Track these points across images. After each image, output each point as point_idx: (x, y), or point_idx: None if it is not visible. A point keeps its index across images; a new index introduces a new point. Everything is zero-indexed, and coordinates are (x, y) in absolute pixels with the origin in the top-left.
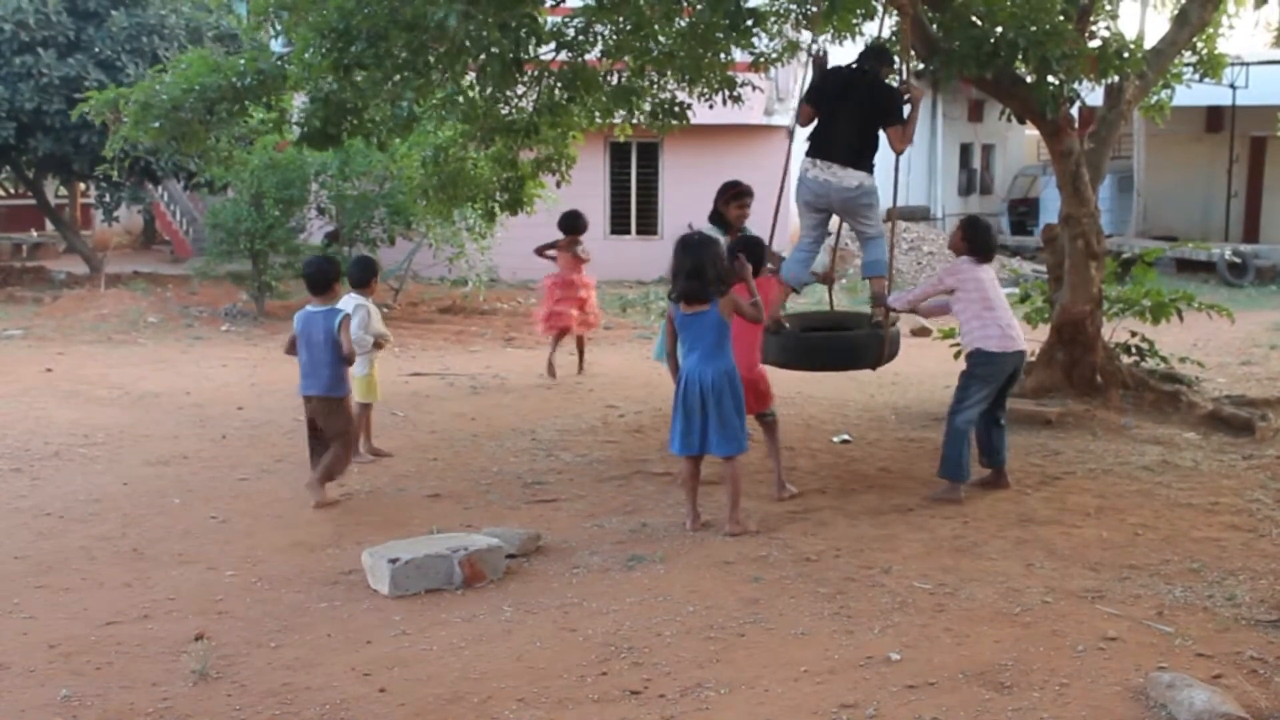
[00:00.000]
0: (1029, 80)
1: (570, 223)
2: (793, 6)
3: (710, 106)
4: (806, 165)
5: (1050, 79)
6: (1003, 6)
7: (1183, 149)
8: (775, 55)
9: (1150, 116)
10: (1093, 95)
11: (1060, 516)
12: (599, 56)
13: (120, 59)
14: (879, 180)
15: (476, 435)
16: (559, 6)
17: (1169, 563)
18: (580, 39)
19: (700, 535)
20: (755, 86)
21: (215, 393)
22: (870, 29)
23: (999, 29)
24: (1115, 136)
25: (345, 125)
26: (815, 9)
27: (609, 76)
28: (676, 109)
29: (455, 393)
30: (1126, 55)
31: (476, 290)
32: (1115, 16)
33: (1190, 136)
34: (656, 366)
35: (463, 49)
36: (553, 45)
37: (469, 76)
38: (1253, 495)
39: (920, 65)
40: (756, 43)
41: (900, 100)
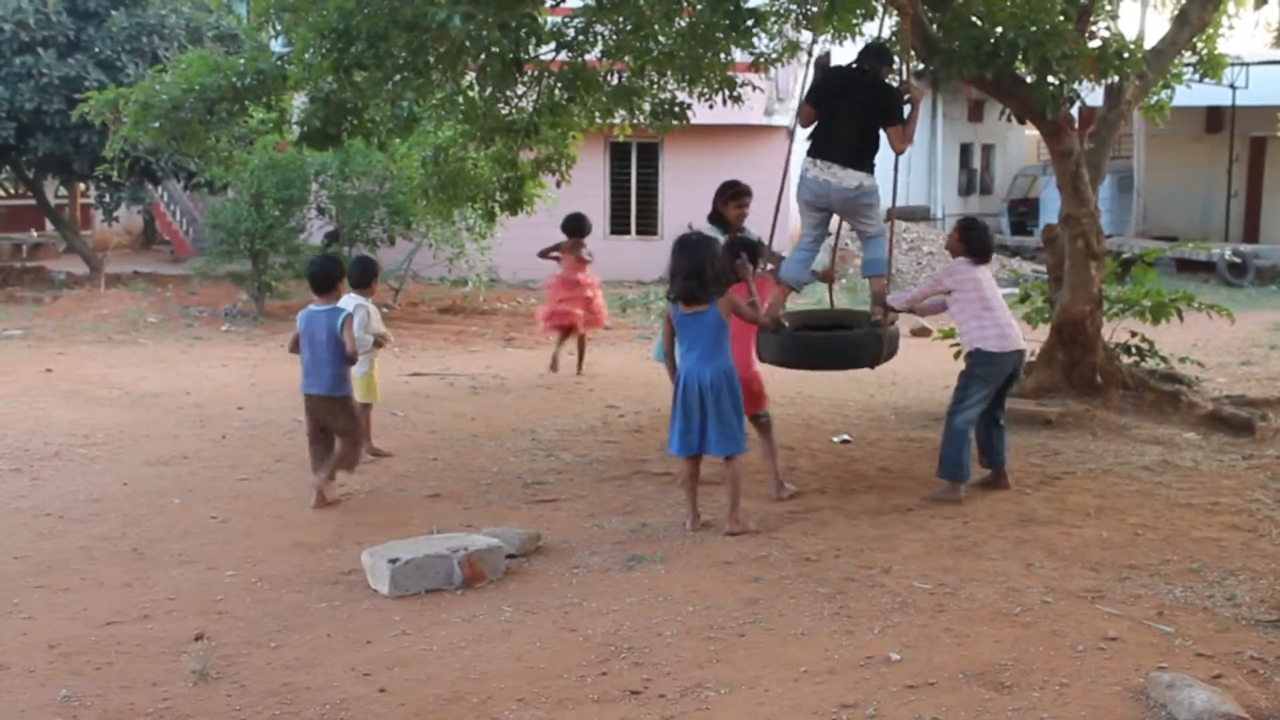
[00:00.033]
0: (1029, 80)
1: (574, 225)
2: (793, 6)
3: (710, 106)
4: (807, 165)
5: (1050, 79)
6: (1003, 6)
7: (1183, 149)
8: (775, 55)
9: (1150, 116)
10: (1093, 95)
11: (1060, 516)
12: (599, 56)
13: (120, 59)
14: (879, 180)
15: (476, 435)
16: (559, 6)
17: (1169, 563)
18: (580, 39)
19: (700, 535)
20: (755, 86)
21: (215, 393)
22: (870, 29)
23: (999, 29)
24: (1115, 136)
25: (345, 125)
26: (815, 9)
27: (609, 76)
28: (676, 109)
29: (455, 393)
30: (1126, 55)
31: (476, 290)
32: (1115, 16)
33: (1190, 136)
34: (656, 366)
35: (463, 49)
36: (553, 45)
37: (469, 76)
38: (1253, 495)
39: (920, 65)
40: (756, 43)
41: (900, 100)
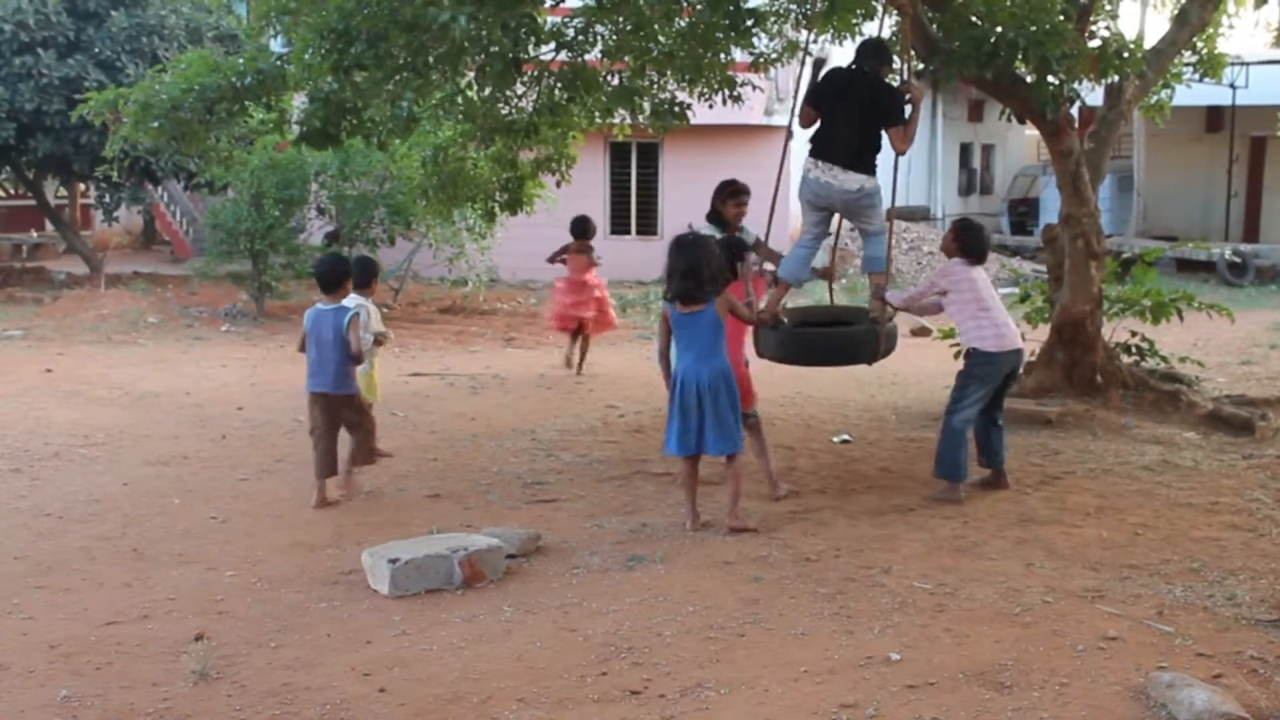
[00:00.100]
0: (1029, 80)
1: (580, 227)
2: (793, 6)
3: (710, 106)
4: (809, 166)
5: (1050, 79)
6: (1003, 6)
7: (1183, 149)
8: (775, 55)
9: (1150, 116)
10: (1093, 95)
11: (1060, 516)
12: (599, 56)
13: (120, 59)
14: (880, 179)
15: (476, 435)
16: (559, 6)
17: (1169, 562)
18: (580, 39)
19: (700, 535)
20: (755, 86)
21: (215, 393)
22: (870, 29)
23: (999, 29)
24: (1115, 136)
25: (345, 125)
26: (814, 9)
27: (609, 76)
28: (676, 109)
29: (455, 393)
30: (1126, 55)
31: (476, 290)
32: (1115, 16)
33: (1190, 136)
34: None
35: (463, 49)
36: (553, 45)
37: (468, 76)
38: (1253, 495)
39: (920, 65)
40: (756, 43)
41: (901, 101)
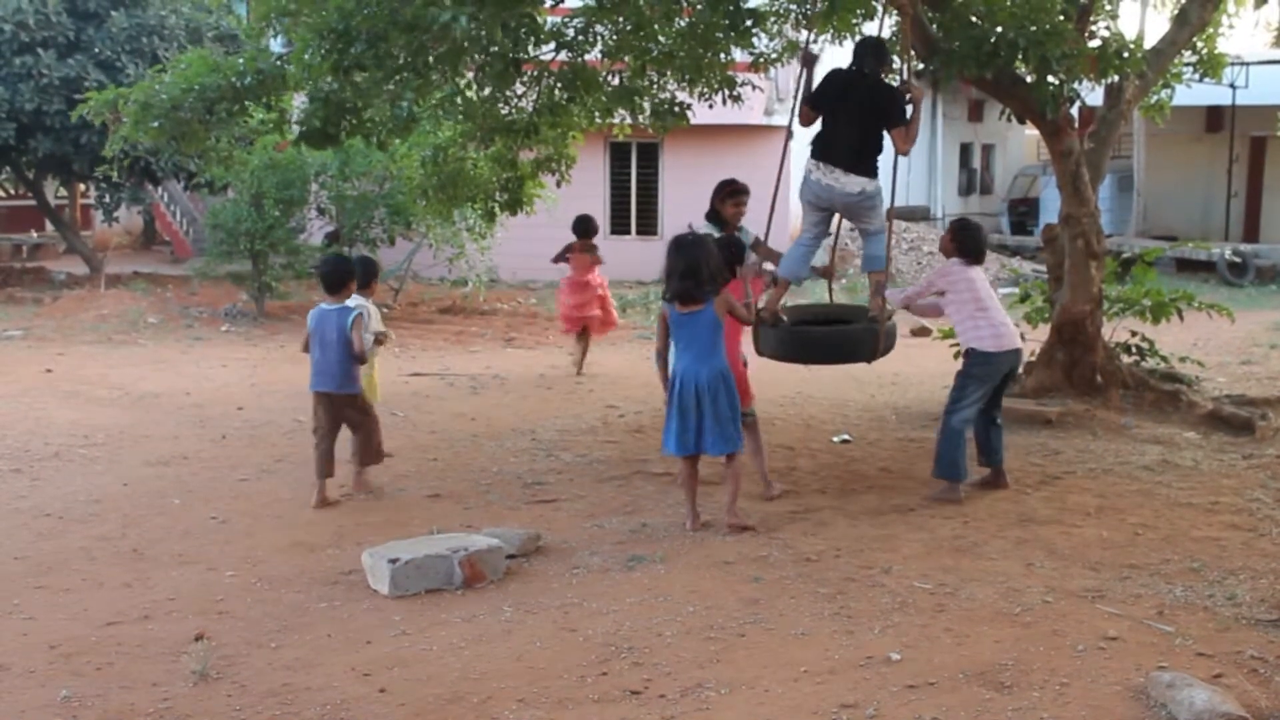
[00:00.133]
0: (1029, 80)
1: (582, 226)
2: (793, 6)
3: (710, 106)
4: (810, 168)
5: (1050, 79)
6: (1003, 6)
7: (1183, 149)
8: (775, 55)
9: (1150, 116)
10: (1093, 95)
11: (1060, 516)
12: (599, 56)
13: (120, 59)
14: (880, 180)
15: (476, 435)
16: (559, 6)
17: (1169, 562)
18: (580, 39)
19: (700, 535)
20: (755, 86)
21: (215, 393)
22: (870, 29)
23: (999, 29)
24: (1115, 136)
25: (344, 125)
26: (814, 9)
27: (609, 76)
28: (676, 109)
29: (455, 393)
30: (1126, 55)
31: (476, 290)
32: (1115, 16)
33: (1190, 136)
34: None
35: (462, 49)
36: (553, 45)
37: (468, 76)
38: (1253, 494)
39: (920, 65)
40: (756, 43)
41: (903, 101)
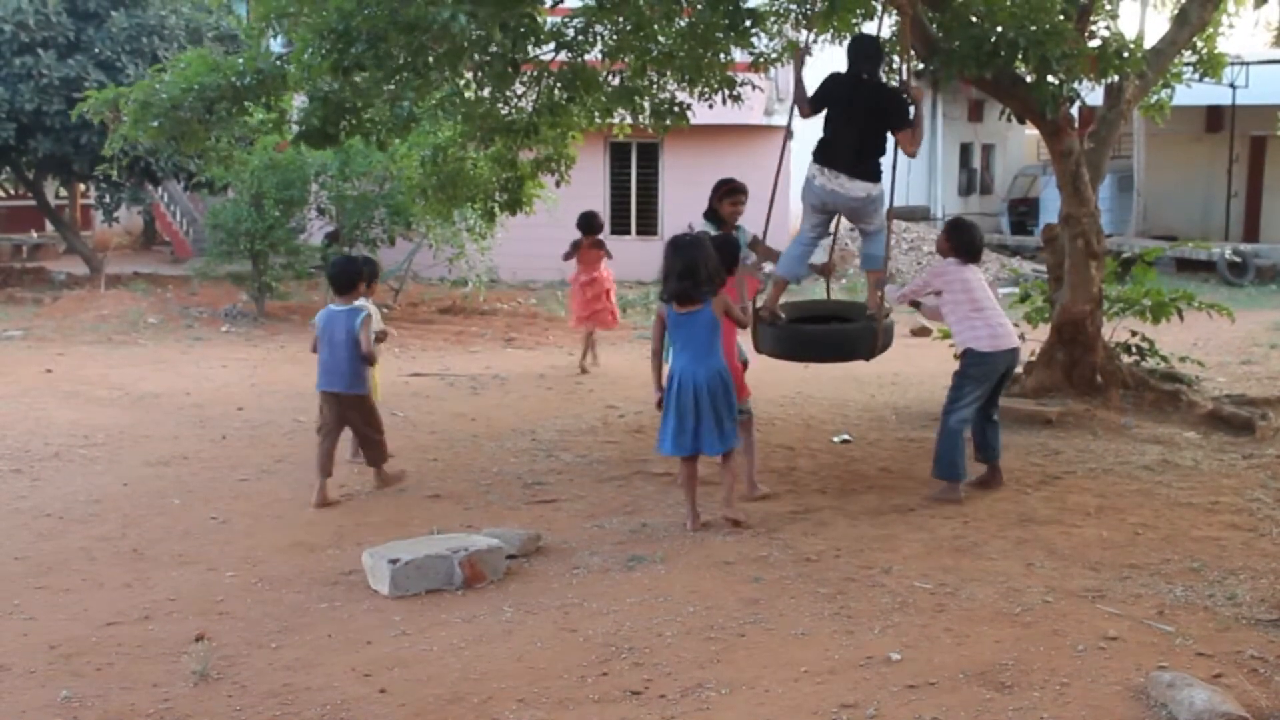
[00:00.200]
0: (1029, 80)
1: (586, 222)
2: (793, 6)
3: (710, 106)
4: (814, 172)
5: (1050, 79)
6: (1003, 6)
7: (1183, 149)
8: (775, 55)
9: (1150, 116)
10: (1093, 95)
11: (1060, 516)
12: (599, 56)
13: (120, 59)
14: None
15: (476, 435)
16: (559, 6)
17: (1169, 562)
18: (580, 39)
19: (700, 535)
20: (755, 86)
21: (215, 393)
22: (870, 29)
23: (999, 29)
24: (1115, 136)
25: (344, 125)
26: (814, 9)
27: (609, 76)
28: (676, 109)
29: (455, 393)
30: (1126, 55)
31: (476, 290)
32: (1115, 16)
33: (1190, 136)
34: None
35: (462, 49)
36: (552, 45)
37: (468, 76)
38: (1253, 494)
39: (920, 65)
40: (756, 43)
41: (906, 104)
